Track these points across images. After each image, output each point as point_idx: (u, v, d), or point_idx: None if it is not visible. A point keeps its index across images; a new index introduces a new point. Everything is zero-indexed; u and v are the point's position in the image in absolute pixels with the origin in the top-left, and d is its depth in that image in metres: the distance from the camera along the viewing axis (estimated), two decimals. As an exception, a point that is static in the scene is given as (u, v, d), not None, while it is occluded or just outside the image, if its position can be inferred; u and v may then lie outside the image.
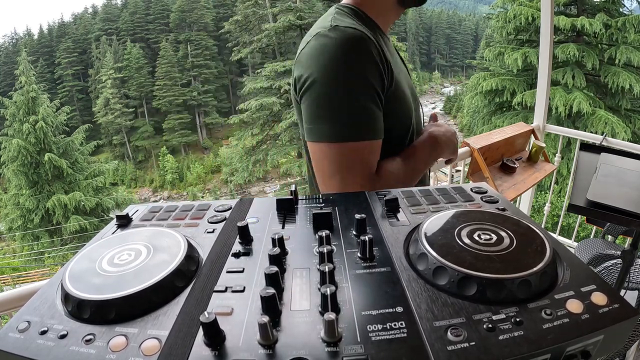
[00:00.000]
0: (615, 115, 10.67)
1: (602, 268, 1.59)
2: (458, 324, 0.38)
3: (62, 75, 29.97)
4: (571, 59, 11.01)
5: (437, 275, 0.44)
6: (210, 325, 0.36)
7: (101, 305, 0.42)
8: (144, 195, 26.11)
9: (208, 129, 29.77)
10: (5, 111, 16.37)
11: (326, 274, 0.42)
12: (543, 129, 2.74)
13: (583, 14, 11.45)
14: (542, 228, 0.52)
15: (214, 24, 30.89)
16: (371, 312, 0.40)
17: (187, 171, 26.75)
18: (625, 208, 0.99)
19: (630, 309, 0.40)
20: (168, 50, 28.41)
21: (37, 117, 15.78)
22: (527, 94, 11.15)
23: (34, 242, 16.07)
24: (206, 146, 29.11)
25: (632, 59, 10.78)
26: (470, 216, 0.55)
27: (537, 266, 0.43)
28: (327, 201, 0.67)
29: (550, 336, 0.37)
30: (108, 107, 26.99)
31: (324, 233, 0.51)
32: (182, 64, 29.10)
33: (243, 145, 18.12)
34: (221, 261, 0.51)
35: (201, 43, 29.97)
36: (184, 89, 28.28)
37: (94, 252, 0.53)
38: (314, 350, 0.36)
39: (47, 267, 14.58)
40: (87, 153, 18.26)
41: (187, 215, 0.65)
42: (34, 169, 15.84)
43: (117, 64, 27.95)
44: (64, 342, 0.39)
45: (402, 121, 0.89)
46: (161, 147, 27.19)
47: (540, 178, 2.43)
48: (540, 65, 2.68)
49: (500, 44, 12.47)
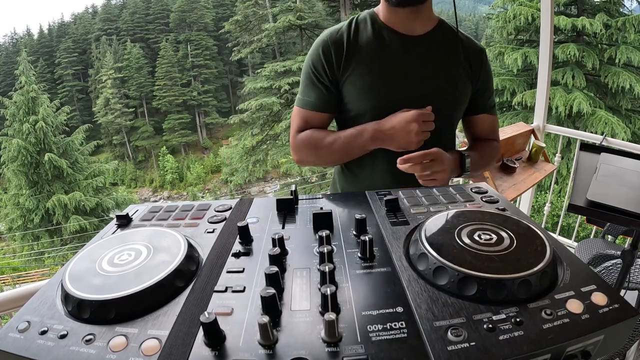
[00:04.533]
0: (615, 116, 10.66)
1: (602, 268, 1.59)
2: (458, 324, 0.38)
3: (62, 75, 29.95)
4: (571, 59, 11.00)
5: (438, 275, 0.44)
6: (210, 325, 0.36)
7: (101, 305, 0.42)
8: (144, 195, 26.10)
9: (208, 129, 29.75)
10: (5, 111, 16.35)
11: (326, 274, 0.42)
12: (543, 129, 2.74)
13: (583, 14, 11.44)
14: (542, 228, 0.52)
15: (214, 24, 30.88)
16: (371, 312, 0.40)
17: (187, 171, 26.74)
18: (625, 208, 0.99)
19: (630, 309, 0.40)
20: (168, 50, 28.39)
21: (37, 117, 15.77)
22: (527, 94, 11.13)
23: (34, 242, 16.05)
24: (206, 146, 29.09)
25: (633, 59, 10.77)
26: (471, 216, 0.55)
27: (537, 266, 0.43)
28: (327, 201, 0.67)
29: (550, 336, 0.37)
30: (108, 107, 26.98)
31: (324, 233, 0.50)
32: (182, 64, 29.08)
33: (243, 145, 18.10)
34: (221, 261, 0.51)
35: (201, 43, 29.95)
36: (184, 89, 28.26)
37: (94, 252, 0.53)
38: (314, 350, 0.36)
39: (47, 267, 14.57)
40: (87, 153, 18.24)
41: (187, 215, 0.65)
42: (34, 169, 15.83)
43: (117, 64, 27.94)
44: (64, 342, 0.39)
45: (356, 103, 1.03)
46: (161, 147, 27.18)
47: (540, 178, 2.42)
48: (540, 65, 2.68)
49: (500, 44, 12.46)
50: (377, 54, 1.01)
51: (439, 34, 1.06)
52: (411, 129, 0.92)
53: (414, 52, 1.02)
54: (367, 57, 1.01)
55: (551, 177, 2.79)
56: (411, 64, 1.02)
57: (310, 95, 1.06)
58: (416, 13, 1.00)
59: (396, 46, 1.02)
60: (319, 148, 1.05)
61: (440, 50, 1.04)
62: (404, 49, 1.02)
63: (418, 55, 1.02)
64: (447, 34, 1.06)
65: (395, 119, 0.95)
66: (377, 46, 1.01)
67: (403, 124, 0.93)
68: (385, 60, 1.01)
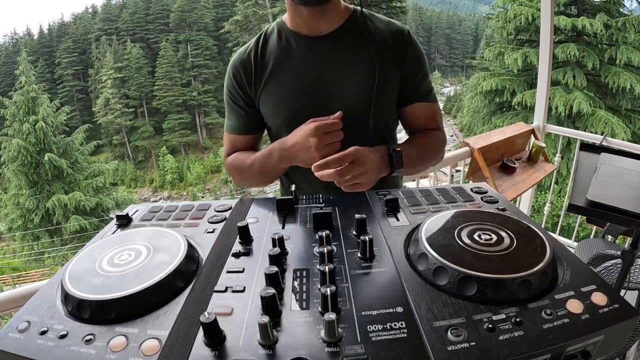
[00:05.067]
0: (615, 116, 10.66)
1: (602, 268, 1.59)
2: (458, 324, 0.38)
3: (62, 75, 29.97)
4: (571, 59, 11.00)
5: (438, 275, 0.44)
6: (210, 325, 0.36)
7: (101, 305, 0.42)
8: (144, 195, 26.11)
9: (208, 129, 29.76)
10: (5, 111, 16.36)
11: (326, 274, 0.42)
12: (543, 129, 2.74)
13: (583, 14, 11.44)
14: (542, 228, 0.52)
15: (214, 24, 30.89)
16: (371, 312, 0.40)
17: (187, 171, 26.75)
18: (625, 208, 0.99)
19: (630, 309, 0.40)
20: (168, 50, 28.40)
21: (37, 117, 15.77)
22: (527, 94, 11.14)
23: (34, 242, 16.06)
24: (206, 146, 29.09)
25: (633, 59, 10.77)
26: (471, 216, 0.55)
27: (537, 266, 0.43)
28: (327, 201, 0.68)
29: (550, 336, 0.37)
30: (108, 107, 27.00)
31: (324, 233, 0.50)
32: (182, 64, 29.10)
33: (243, 145, 18.08)
34: (221, 261, 0.51)
35: (201, 43, 29.96)
36: (184, 89, 28.28)
37: (94, 252, 0.53)
38: (314, 350, 0.36)
39: (47, 267, 14.56)
40: (87, 153, 18.25)
41: (187, 215, 0.65)
42: (34, 169, 15.84)
43: (117, 64, 27.96)
44: (64, 342, 0.39)
45: (271, 120, 1.02)
46: (161, 147, 27.20)
47: (540, 178, 2.42)
48: (540, 65, 2.67)
49: (500, 44, 12.46)
50: (284, 65, 0.97)
51: (350, 26, 0.97)
52: (309, 144, 0.84)
53: (317, 55, 0.96)
54: (276, 71, 0.97)
55: (551, 177, 2.79)
56: (315, 69, 0.95)
57: (231, 119, 1.06)
58: (320, 13, 0.93)
59: (301, 52, 0.97)
60: (242, 171, 1.03)
61: (350, 45, 0.96)
62: (308, 53, 0.97)
63: (321, 57, 0.96)
64: (358, 25, 0.98)
65: (296, 134, 0.88)
66: (284, 57, 0.97)
67: (302, 139, 0.86)
68: (291, 70, 0.97)
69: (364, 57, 0.96)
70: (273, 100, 0.99)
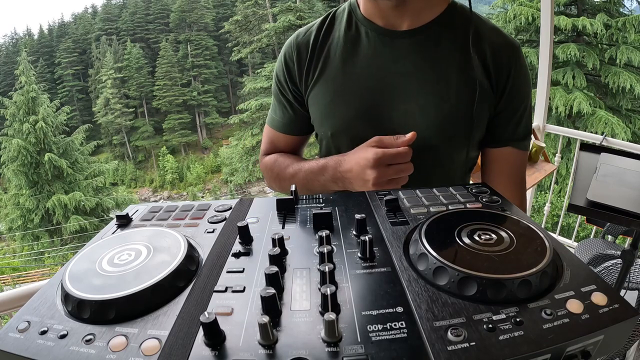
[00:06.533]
0: (615, 116, 10.67)
1: (602, 268, 1.59)
2: (458, 324, 0.38)
3: (62, 75, 29.97)
4: (571, 59, 11.01)
5: (437, 275, 0.44)
6: (210, 325, 0.36)
7: (101, 305, 0.42)
8: (144, 195, 26.11)
9: (208, 129, 29.76)
10: (5, 111, 16.36)
11: (326, 274, 0.42)
12: (543, 129, 2.74)
13: (583, 14, 11.44)
14: (542, 228, 0.52)
15: (214, 24, 30.88)
16: (371, 312, 0.40)
17: (187, 171, 26.75)
18: (625, 208, 0.99)
19: (630, 309, 0.40)
20: (168, 50, 28.40)
21: (37, 117, 15.78)
22: (527, 94, 11.14)
23: (34, 242, 16.06)
24: (206, 146, 29.09)
25: (633, 59, 10.78)
26: (471, 216, 0.55)
27: (537, 266, 0.43)
28: (327, 201, 0.67)
29: (550, 336, 0.37)
30: (108, 107, 27.00)
31: (324, 233, 0.50)
32: (182, 64, 29.09)
33: (243, 145, 18.12)
34: (221, 261, 0.51)
35: (201, 43, 29.96)
36: (184, 89, 28.28)
37: (94, 252, 0.53)
38: (314, 350, 0.36)
39: (47, 267, 14.57)
40: (87, 153, 18.26)
41: (187, 215, 0.65)
42: (34, 169, 15.84)
43: (117, 64, 27.95)
44: (64, 342, 0.39)
45: (318, 127, 0.83)
46: (161, 147, 27.20)
47: (540, 178, 2.42)
48: (540, 65, 2.67)
49: (501, 44, 12.45)
50: (346, 60, 0.76)
51: (445, 22, 0.74)
52: (367, 177, 0.67)
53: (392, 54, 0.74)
54: (333, 65, 0.77)
55: (551, 177, 2.79)
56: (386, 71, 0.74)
57: (276, 113, 0.88)
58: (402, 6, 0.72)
59: (371, 47, 0.75)
60: (282, 180, 0.85)
61: (442, 47, 0.73)
62: (380, 50, 0.75)
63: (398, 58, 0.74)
64: (458, 23, 0.74)
65: (354, 158, 0.70)
66: (348, 50, 0.76)
67: (359, 168, 0.68)
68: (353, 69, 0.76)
69: (461, 66, 0.72)
70: (323, 103, 0.78)
